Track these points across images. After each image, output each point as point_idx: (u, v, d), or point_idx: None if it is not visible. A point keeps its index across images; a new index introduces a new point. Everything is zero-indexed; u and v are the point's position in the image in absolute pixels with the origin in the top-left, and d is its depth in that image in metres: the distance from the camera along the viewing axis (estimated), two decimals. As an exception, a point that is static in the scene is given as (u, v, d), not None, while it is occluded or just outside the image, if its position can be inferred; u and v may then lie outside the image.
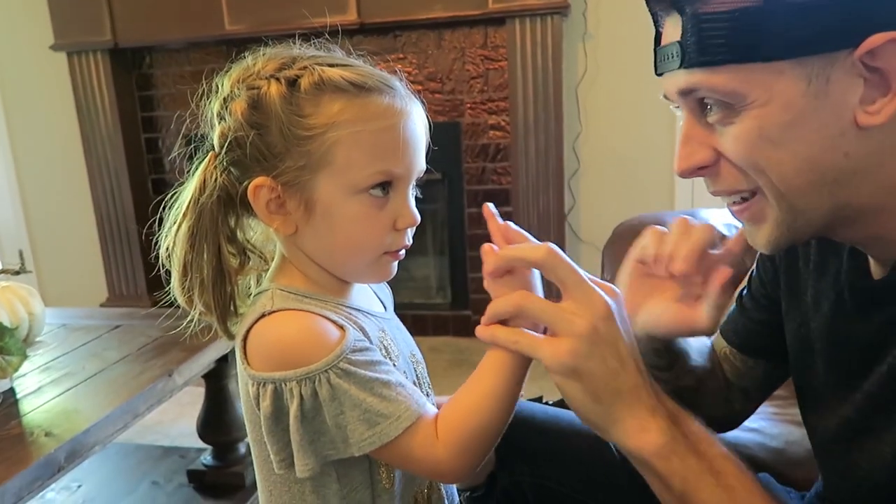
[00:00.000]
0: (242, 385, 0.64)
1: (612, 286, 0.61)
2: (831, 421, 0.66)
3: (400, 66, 0.69)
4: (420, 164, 0.65)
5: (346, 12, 2.54)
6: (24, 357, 1.28)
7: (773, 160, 0.54)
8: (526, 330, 0.59)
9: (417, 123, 0.65)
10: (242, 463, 1.71)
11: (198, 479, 1.73)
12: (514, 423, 0.64)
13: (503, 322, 0.61)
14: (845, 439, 0.64)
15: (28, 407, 1.23)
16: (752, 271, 0.81)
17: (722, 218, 1.86)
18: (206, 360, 1.49)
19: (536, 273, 0.62)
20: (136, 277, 3.04)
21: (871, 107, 0.51)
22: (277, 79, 0.62)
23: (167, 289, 0.69)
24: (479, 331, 0.61)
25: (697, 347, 0.81)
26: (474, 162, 2.70)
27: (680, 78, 0.56)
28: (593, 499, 0.84)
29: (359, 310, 0.68)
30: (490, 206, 0.66)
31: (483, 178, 2.70)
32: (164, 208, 0.69)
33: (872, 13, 0.50)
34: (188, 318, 0.70)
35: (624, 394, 0.58)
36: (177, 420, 2.23)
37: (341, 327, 0.62)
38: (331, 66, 0.63)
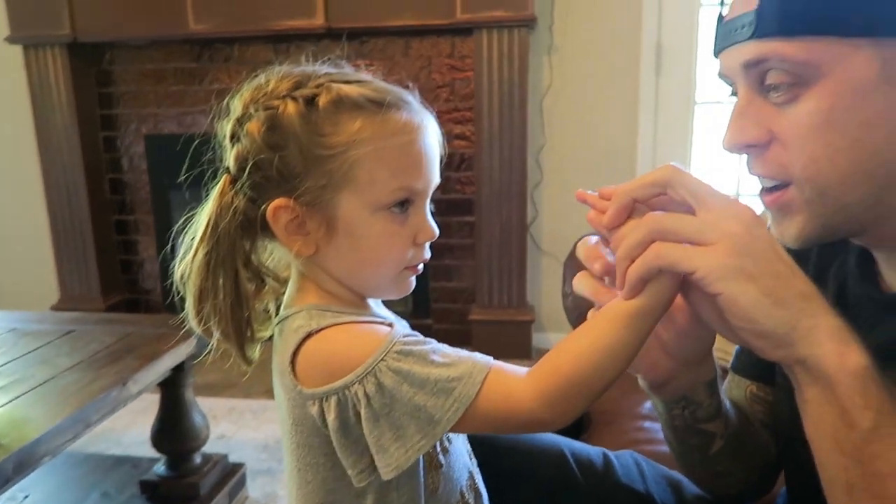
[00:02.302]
0: (293, 409, 0.62)
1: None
2: None
3: (370, 70, 0.69)
4: (437, 178, 0.65)
5: (313, 16, 2.52)
6: (-29, 363, 1.24)
7: (831, 147, 0.53)
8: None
9: (433, 137, 0.65)
10: (198, 473, 1.68)
11: (151, 490, 1.68)
12: (478, 443, 0.64)
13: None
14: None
15: (-27, 415, 1.19)
16: None
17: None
18: (161, 368, 1.46)
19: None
20: (89, 278, 2.96)
21: None
22: (294, 98, 0.61)
23: (182, 315, 0.67)
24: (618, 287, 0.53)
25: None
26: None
27: (749, 48, 0.55)
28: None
29: (386, 318, 0.68)
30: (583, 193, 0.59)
31: (447, 188, 2.71)
32: (169, 234, 0.67)
33: None
34: (208, 347, 0.67)
35: (809, 298, 0.50)
36: (129, 427, 2.18)
37: (389, 324, 0.62)
38: (346, 82, 0.62)
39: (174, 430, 1.66)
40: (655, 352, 0.65)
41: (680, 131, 2.60)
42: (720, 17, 0.60)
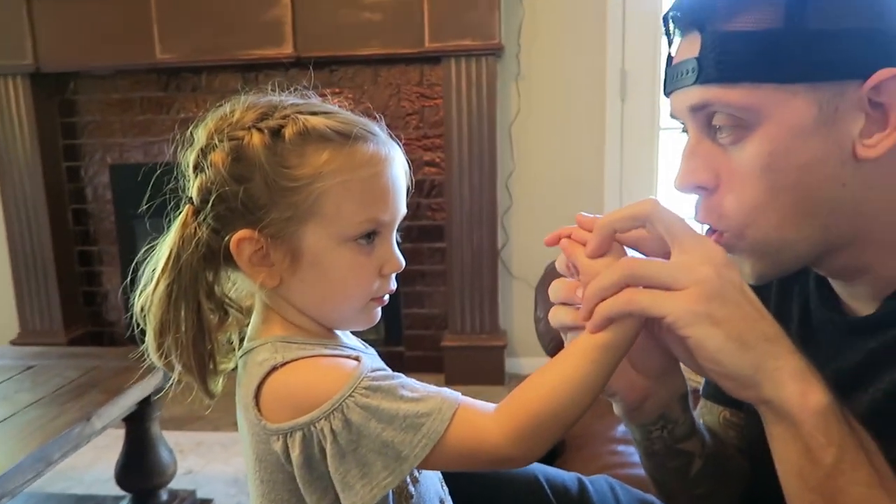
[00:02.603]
0: (257, 444, 0.61)
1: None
2: None
3: (336, 100, 0.69)
4: (403, 209, 0.65)
5: (282, 45, 2.53)
6: (-75, 402, 1.19)
7: (775, 187, 0.55)
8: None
9: (400, 168, 0.65)
10: (164, 510, 1.64)
11: (115, 529, 1.63)
12: (452, 470, 0.63)
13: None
14: None
15: (-73, 456, 1.14)
16: None
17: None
18: (127, 402, 1.43)
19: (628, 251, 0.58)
20: (51, 312, 2.88)
21: (869, 140, 0.54)
22: (260, 129, 0.61)
23: (142, 347, 0.65)
24: (582, 320, 0.55)
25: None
26: (409, 197, 2.71)
27: (693, 93, 0.57)
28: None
29: (355, 348, 0.67)
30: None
31: (418, 214, 2.72)
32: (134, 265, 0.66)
33: (883, 48, 0.53)
34: (171, 380, 0.66)
35: (773, 340, 0.52)
36: (93, 465, 2.11)
37: (356, 358, 0.61)
38: (313, 114, 0.62)
39: (140, 466, 1.61)
40: (628, 372, 0.66)
41: (646, 156, 2.65)
42: (669, 59, 0.62)
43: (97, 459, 2.11)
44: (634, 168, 2.67)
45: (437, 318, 2.79)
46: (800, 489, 0.52)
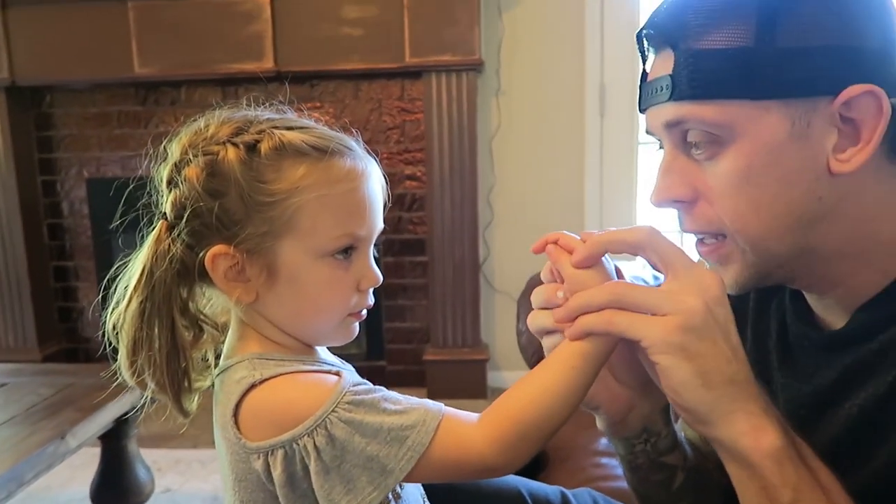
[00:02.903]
0: (236, 464, 0.60)
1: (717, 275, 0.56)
2: None
3: (317, 115, 0.69)
4: (380, 224, 0.65)
5: (262, 59, 2.52)
6: None
7: (753, 203, 0.56)
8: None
9: (376, 183, 0.65)
10: (140, 530, 1.60)
11: (89, 551, 1.60)
12: (435, 485, 0.63)
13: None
14: None
15: None
16: None
17: (632, 270, 1.93)
18: (103, 419, 1.40)
19: (614, 271, 0.59)
20: (25, 328, 2.83)
21: (842, 155, 0.55)
22: (235, 144, 0.60)
23: (114, 366, 0.64)
24: (557, 339, 0.57)
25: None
26: (390, 212, 2.69)
27: (668, 110, 0.58)
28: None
29: (334, 364, 0.66)
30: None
31: (399, 228, 2.72)
32: (107, 281, 0.65)
33: (852, 64, 0.54)
34: (142, 401, 0.65)
35: (738, 384, 0.53)
36: (67, 484, 2.06)
37: (336, 373, 0.60)
38: (289, 129, 0.61)
39: (116, 485, 1.58)
40: (611, 384, 0.66)
41: (625, 170, 2.68)
42: (644, 75, 0.63)
43: (71, 479, 2.07)
44: (614, 182, 2.69)
45: (418, 331, 2.78)
46: None
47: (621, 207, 2.69)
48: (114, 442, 1.56)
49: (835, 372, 0.61)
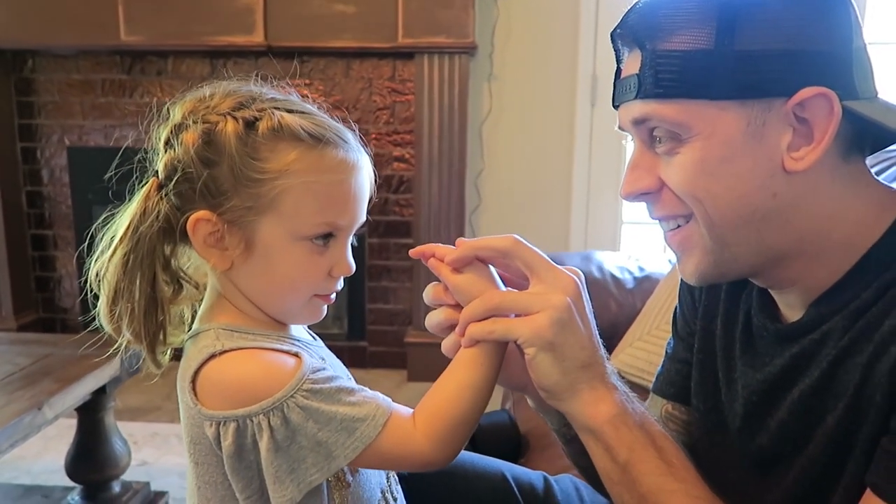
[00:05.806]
0: (191, 427, 0.63)
1: (574, 268, 0.65)
2: (748, 449, 0.68)
3: (306, 91, 0.69)
4: (362, 216, 0.67)
5: (252, 33, 2.48)
6: None
7: (709, 192, 0.59)
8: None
9: (366, 177, 0.67)
10: (117, 503, 1.59)
11: (63, 522, 1.58)
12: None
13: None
14: (759, 467, 0.66)
15: None
16: (675, 312, 0.82)
17: (612, 260, 1.93)
18: (81, 391, 1.38)
19: (491, 266, 0.66)
20: (0, 297, 2.78)
21: (797, 153, 0.57)
22: (235, 117, 0.62)
23: (93, 313, 0.66)
24: (454, 339, 0.64)
25: None
26: (377, 192, 2.69)
27: (635, 108, 0.61)
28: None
29: (300, 340, 0.68)
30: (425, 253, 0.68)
31: (385, 209, 2.70)
32: (87, 232, 0.66)
33: (807, 68, 0.56)
34: (114, 346, 0.67)
35: (587, 367, 0.62)
36: (41, 455, 2.04)
37: (296, 354, 0.62)
38: (289, 111, 0.63)
39: (92, 457, 1.56)
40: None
41: (613, 159, 2.68)
42: (617, 73, 0.66)
43: (45, 449, 2.05)
44: (602, 171, 2.70)
45: (401, 314, 2.78)
46: (609, 484, 0.64)
47: (608, 197, 2.70)
48: (91, 414, 1.54)
49: (785, 360, 0.64)
